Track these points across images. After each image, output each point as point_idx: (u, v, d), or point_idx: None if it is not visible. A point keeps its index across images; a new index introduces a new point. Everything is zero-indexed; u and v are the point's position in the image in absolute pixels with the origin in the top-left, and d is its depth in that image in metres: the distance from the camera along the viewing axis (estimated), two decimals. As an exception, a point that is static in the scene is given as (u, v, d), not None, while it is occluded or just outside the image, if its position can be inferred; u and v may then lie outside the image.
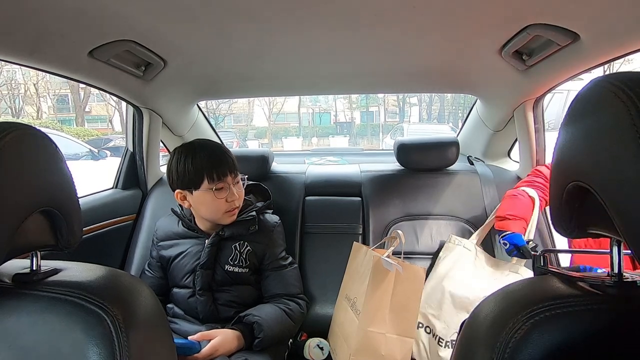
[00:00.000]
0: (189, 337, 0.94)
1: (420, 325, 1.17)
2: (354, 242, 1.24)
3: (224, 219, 1.08)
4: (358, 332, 1.00)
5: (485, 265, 1.19)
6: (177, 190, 1.08)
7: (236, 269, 1.09)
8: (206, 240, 1.10)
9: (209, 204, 1.05)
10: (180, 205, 1.15)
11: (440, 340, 1.11)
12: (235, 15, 0.86)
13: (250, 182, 1.24)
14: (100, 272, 0.53)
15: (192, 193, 1.05)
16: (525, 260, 1.13)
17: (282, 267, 1.15)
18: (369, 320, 1.01)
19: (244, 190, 1.12)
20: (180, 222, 1.15)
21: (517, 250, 1.09)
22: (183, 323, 1.07)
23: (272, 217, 1.21)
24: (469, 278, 1.17)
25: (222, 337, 0.95)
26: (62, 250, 0.54)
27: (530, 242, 1.10)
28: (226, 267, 1.08)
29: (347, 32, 0.96)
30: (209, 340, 0.94)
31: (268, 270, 1.13)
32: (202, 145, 1.08)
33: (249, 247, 1.10)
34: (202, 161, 1.03)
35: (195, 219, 1.14)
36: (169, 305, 1.13)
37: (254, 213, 1.13)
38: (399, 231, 1.11)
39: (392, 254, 1.10)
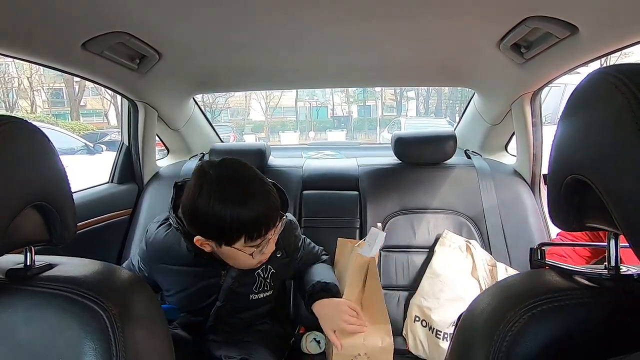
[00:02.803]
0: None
1: (417, 318, 1.17)
2: (339, 237, 1.23)
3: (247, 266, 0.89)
4: None
5: (478, 264, 1.19)
6: (197, 237, 0.81)
7: (261, 295, 0.97)
8: (222, 272, 0.91)
9: (236, 259, 0.84)
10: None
11: (438, 332, 1.12)
12: (231, 7, 0.85)
13: None
14: (95, 267, 0.52)
15: (220, 246, 0.81)
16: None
17: (302, 255, 1.07)
18: None
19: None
20: (187, 246, 0.88)
21: None
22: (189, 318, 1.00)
23: (290, 224, 1.01)
24: (463, 274, 1.18)
25: (328, 310, 0.93)
26: (56, 245, 0.53)
27: None
28: (251, 296, 0.96)
29: (344, 24, 0.95)
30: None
31: (297, 266, 1.07)
32: (246, 192, 0.77)
33: (272, 270, 0.97)
34: (244, 218, 0.76)
35: None
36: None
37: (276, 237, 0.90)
38: (379, 224, 1.11)
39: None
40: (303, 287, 1.02)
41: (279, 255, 0.96)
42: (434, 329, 1.13)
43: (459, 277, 1.17)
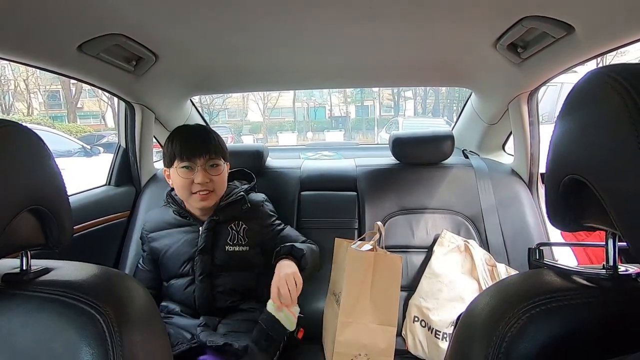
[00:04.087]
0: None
1: (416, 319, 1.17)
2: (335, 237, 1.24)
3: (193, 201, 1.09)
4: (339, 324, 1.02)
5: (477, 263, 1.19)
6: (164, 168, 1.14)
7: (236, 248, 1.11)
8: (200, 227, 1.11)
9: (176, 182, 1.09)
10: (171, 196, 1.19)
11: (437, 332, 1.12)
12: (227, 8, 0.84)
13: (233, 169, 1.27)
14: (92, 270, 0.52)
15: (169, 170, 1.12)
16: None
17: (281, 229, 1.21)
18: (348, 311, 1.02)
19: (224, 178, 1.13)
20: (172, 210, 1.16)
21: None
22: (178, 319, 1.06)
23: (258, 196, 1.24)
24: (462, 274, 1.18)
25: (282, 269, 1.03)
26: (53, 249, 0.53)
27: None
28: (226, 247, 1.10)
29: (341, 25, 0.95)
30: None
31: (273, 240, 1.17)
32: (188, 128, 1.16)
33: (244, 225, 1.13)
34: (179, 141, 1.09)
35: (187, 205, 1.15)
36: (163, 304, 1.12)
37: (242, 193, 1.16)
38: (379, 223, 1.12)
39: (387, 248, 1.10)
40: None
41: (244, 208, 1.15)
42: (433, 329, 1.13)
43: (458, 277, 1.17)
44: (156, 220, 1.19)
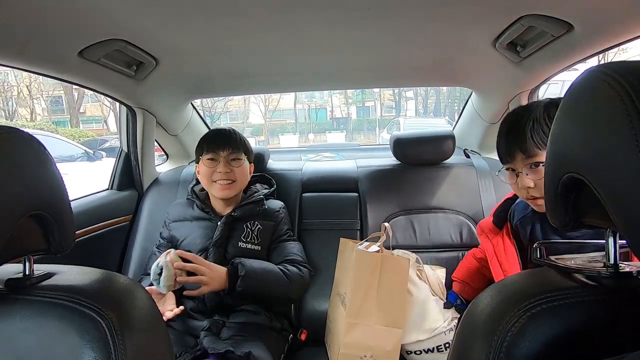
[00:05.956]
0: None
1: (417, 352, 1.11)
2: (341, 237, 1.24)
3: (214, 190, 1.17)
4: (345, 325, 1.01)
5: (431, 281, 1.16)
6: (196, 165, 1.24)
7: (249, 246, 1.16)
8: (218, 222, 1.16)
9: (202, 172, 1.20)
10: (193, 191, 1.27)
11: (438, 348, 1.06)
12: (226, 12, 0.85)
13: (256, 174, 1.34)
14: (94, 275, 0.52)
15: (198, 163, 1.22)
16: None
17: (285, 240, 1.24)
18: (354, 312, 1.02)
19: (245, 171, 1.21)
20: (195, 205, 1.23)
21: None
22: (182, 321, 1.05)
23: (277, 202, 1.31)
24: (428, 293, 1.14)
25: (213, 272, 1.01)
26: (55, 254, 0.53)
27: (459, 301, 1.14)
28: (239, 244, 1.15)
29: (340, 26, 0.95)
30: None
31: (274, 244, 1.22)
32: (217, 129, 1.29)
33: (259, 226, 1.19)
34: (206, 138, 1.23)
35: (210, 200, 1.24)
36: None
37: (261, 196, 1.25)
38: (385, 224, 1.12)
39: (386, 248, 1.10)
40: None
41: (260, 209, 1.22)
42: (433, 349, 1.07)
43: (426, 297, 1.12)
44: (179, 210, 1.26)
